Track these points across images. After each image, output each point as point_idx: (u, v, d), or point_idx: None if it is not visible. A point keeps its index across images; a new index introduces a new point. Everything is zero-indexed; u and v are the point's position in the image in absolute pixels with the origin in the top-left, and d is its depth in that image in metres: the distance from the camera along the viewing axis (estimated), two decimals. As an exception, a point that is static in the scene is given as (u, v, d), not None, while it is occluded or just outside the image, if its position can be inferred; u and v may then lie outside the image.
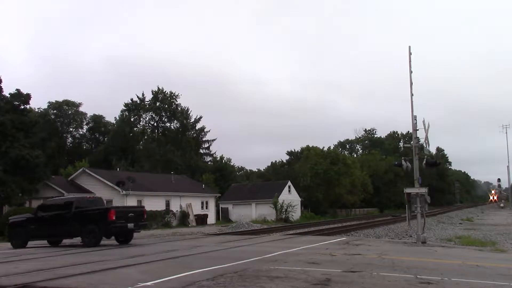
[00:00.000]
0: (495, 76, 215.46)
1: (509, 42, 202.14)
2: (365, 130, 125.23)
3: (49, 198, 38.21)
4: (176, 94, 74.00)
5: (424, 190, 17.81)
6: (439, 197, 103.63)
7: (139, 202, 40.21)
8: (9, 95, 36.27)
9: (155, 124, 74.77)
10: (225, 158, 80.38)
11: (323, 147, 74.38)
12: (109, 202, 39.55)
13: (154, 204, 41.28)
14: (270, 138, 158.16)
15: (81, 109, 73.04)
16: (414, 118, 18.71)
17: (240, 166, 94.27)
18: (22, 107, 37.46)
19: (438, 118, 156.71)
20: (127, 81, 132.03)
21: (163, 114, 73.97)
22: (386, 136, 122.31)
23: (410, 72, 19.21)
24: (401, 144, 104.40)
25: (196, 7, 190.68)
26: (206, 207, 49.42)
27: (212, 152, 79.88)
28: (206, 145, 79.42)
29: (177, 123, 74.43)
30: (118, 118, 72.94)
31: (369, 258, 12.51)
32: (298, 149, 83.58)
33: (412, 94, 19.02)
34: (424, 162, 18.71)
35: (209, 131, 78.67)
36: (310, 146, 73.99)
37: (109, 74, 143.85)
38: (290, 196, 55.34)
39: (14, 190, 33.06)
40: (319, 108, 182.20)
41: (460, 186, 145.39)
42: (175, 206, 44.18)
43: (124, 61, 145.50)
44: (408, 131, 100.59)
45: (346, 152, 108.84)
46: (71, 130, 73.77)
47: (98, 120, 75.41)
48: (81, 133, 75.50)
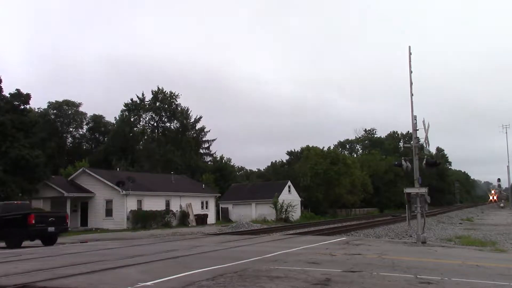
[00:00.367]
0: (495, 76, 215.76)
1: (509, 42, 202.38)
2: (365, 130, 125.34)
3: (49, 198, 38.43)
4: (176, 94, 74.06)
5: (424, 190, 17.80)
6: (439, 197, 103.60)
7: (139, 202, 40.29)
8: (9, 95, 36.25)
9: (155, 124, 74.77)
10: (225, 158, 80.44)
11: (323, 147, 74.47)
12: (109, 202, 39.70)
13: (154, 204, 41.33)
14: (270, 138, 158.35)
15: (81, 109, 73.22)
16: (414, 118, 18.70)
17: (240, 166, 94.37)
18: (22, 107, 37.44)
19: (438, 118, 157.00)
20: (127, 81, 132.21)
21: (163, 114, 73.93)
22: (386, 136, 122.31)
23: (410, 72, 19.20)
24: (401, 144, 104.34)
25: (196, 7, 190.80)
26: (206, 207, 49.40)
27: (212, 152, 79.98)
28: (206, 145, 79.47)
29: (177, 123, 74.42)
30: (118, 118, 72.99)
31: (369, 258, 12.51)
32: (298, 149, 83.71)
33: (412, 94, 19.02)
34: (424, 162, 18.71)
35: (209, 131, 78.79)
36: (310, 146, 73.99)
37: (109, 74, 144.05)
38: (290, 196, 55.33)
39: (14, 190, 33.04)
40: (319, 108, 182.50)
41: (460, 186, 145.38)
42: (175, 206, 44.18)
43: (124, 61, 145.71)
44: (408, 131, 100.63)
45: (346, 152, 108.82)
46: (71, 130, 73.79)
47: (98, 120, 75.41)
48: (81, 133, 75.57)
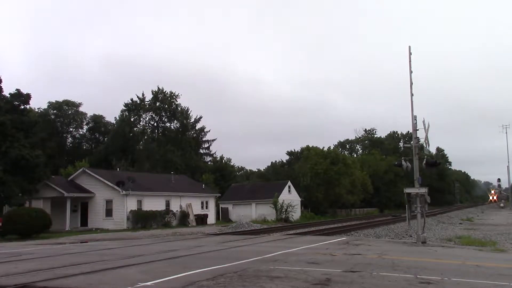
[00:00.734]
0: (495, 76, 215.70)
1: (509, 42, 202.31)
2: (365, 130, 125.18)
3: (49, 198, 38.42)
4: (176, 94, 73.94)
5: (424, 190, 17.81)
6: (439, 197, 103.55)
7: (139, 202, 40.28)
8: (9, 95, 36.20)
9: (155, 124, 74.71)
10: (225, 158, 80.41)
11: (323, 147, 74.33)
12: (109, 202, 39.69)
13: (154, 204, 41.34)
14: (270, 138, 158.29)
15: (81, 109, 73.18)
16: (414, 118, 18.71)
17: (240, 166, 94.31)
18: (22, 107, 37.39)
19: (438, 118, 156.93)
20: (127, 81, 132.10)
21: (163, 114, 73.87)
22: (386, 136, 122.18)
23: (410, 72, 19.21)
24: (401, 144, 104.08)
25: (196, 7, 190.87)
26: (206, 207, 49.38)
27: (212, 152, 79.88)
28: (206, 145, 79.38)
29: (177, 123, 74.35)
30: (118, 118, 72.89)
31: (369, 258, 12.51)
32: (298, 149, 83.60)
33: (412, 94, 19.03)
34: (424, 162, 18.71)
35: (209, 131, 78.69)
36: (310, 146, 73.92)
37: (109, 74, 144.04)
38: (290, 196, 55.31)
39: (14, 190, 32.99)
40: (319, 108, 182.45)
41: (460, 186, 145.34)
42: (175, 206, 44.17)
43: (124, 61, 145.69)
44: (408, 131, 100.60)
45: (346, 152, 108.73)
46: (71, 130, 73.78)
47: (98, 120, 75.39)
48: (81, 133, 75.54)
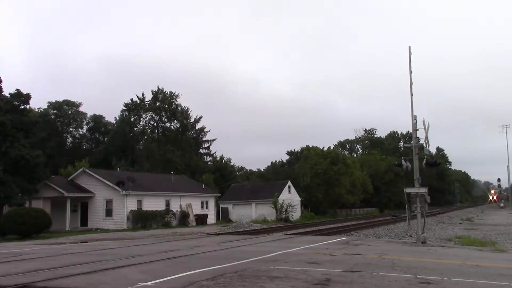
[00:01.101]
0: (495, 76, 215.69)
1: (509, 42, 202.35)
2: (365, 130, 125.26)
3: (49, 198, 38.44)
4: (176, 94, 73.87)
5: (424, 190, 17.81)
6: (439, 197, 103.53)
7: (139, 202, 40.29)
8: (9, 95, 36.18)
9: (155, 124, 74.67)
10: (225, 158, 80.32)
11: (323, 147, 74.41)
12: (109, 202, 39.71)
13: (154, 204, 41.35)
14: (270, 138, 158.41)
15: (81, 109, 73.20)
16: (414, 118, 18.70)
17: (240, 166, 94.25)
18: (22, 107, 37.36)
19: (438, 118, 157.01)
20: (127, 81, 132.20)
21: (163, 114, 73.82)
22: (386, 136, 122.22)
23: (410, 72, 19.21)
24: (401, 144, 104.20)
25: (196, 7, 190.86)
26: (206, 207, 49.40)
27: (212, 152, 79.86)
28: (206, 145, 79.38)
29: (177, 123, 74.32)
30: (118, 118, 72.86)
31: (369, 258, 12.51)
32: (298, 149, 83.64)
33: (412, 94, 19.02)
34: (424, 162, 18.71)
35: (209, 131, 78.67)
36: (310, 146, 73.94)
37: (109, 74, 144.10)
38: (290, 196, 55.31)
39: (14, 190, 32.97)
40: (319, 108, 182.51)
41: (460, 186, 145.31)
42: (175, 206, 44.18)
43: (124, 61, 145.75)
44: (408, 131, 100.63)
45: (346, 152, 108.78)
46: (71, 130, 73.77)
47: (98, 120, 75.38)
48: (81, 133, 75.53)
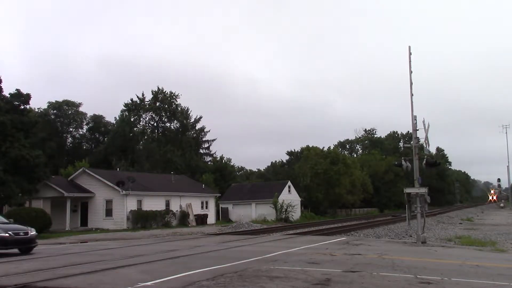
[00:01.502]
0: (495, 76, 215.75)
1: (509, 42, 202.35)
2: (365, 130, 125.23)
3: (49, 198, 38.44)
4: (176, 94, 73.87)
5: (424, 190, 17.81)
6: (439, 197, 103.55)
7: (139, 202, 40.27)
8: (9, 95, 36.14)
9: (155, 124, 74.69)
10: (225, 158, 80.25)
11: (323, 147, 74.42)
12: (109, 202, 39.69)
13: (154, 204, 41.32)
14: (270, 138, 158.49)
15: (81, 109, 73.09)
16: (414, 118, 18.71)
17: (240, 166, 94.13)
18: (22, 107, 37.31)
19: (438, 118, 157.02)
20: (127, 81, 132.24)
21: (163, 114, 73.84)
22: (386, 136, 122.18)
23: (410, 72, 19.22)
24: (401, 144, 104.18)
25: (195, 7, 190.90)
26: (206, 207, 49.38)
27: (212, 152, 79.83)
28: (206, 145, 79.36)
29: (177, 123, 74.32)
30: (118, 118, 72.80)
31: (369, 258, 12.51)
32: (298, 149, 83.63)
33: (412, 94, 19.04)
34: (424, 162, 18.72)
35: (209, 131, 78.66)
36: (310, 146, 73.95)
37: (109, 74, 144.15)
38: (290, 196, 55.30)
39: (14, 190, 32.93)
40: (319, 108, 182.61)
41: (460, 186, 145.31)
42: (175, 206, 44.16)
43: (124, 61, 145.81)
44: (408, 131, 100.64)
45: (346, 152, 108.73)
46: (71, 130, 73.71)
47: (98, 120, 75.33)
48: (81, 133, 75.45)
